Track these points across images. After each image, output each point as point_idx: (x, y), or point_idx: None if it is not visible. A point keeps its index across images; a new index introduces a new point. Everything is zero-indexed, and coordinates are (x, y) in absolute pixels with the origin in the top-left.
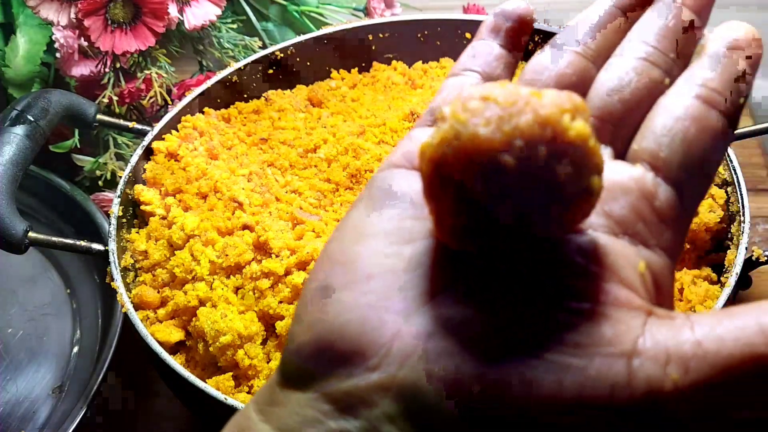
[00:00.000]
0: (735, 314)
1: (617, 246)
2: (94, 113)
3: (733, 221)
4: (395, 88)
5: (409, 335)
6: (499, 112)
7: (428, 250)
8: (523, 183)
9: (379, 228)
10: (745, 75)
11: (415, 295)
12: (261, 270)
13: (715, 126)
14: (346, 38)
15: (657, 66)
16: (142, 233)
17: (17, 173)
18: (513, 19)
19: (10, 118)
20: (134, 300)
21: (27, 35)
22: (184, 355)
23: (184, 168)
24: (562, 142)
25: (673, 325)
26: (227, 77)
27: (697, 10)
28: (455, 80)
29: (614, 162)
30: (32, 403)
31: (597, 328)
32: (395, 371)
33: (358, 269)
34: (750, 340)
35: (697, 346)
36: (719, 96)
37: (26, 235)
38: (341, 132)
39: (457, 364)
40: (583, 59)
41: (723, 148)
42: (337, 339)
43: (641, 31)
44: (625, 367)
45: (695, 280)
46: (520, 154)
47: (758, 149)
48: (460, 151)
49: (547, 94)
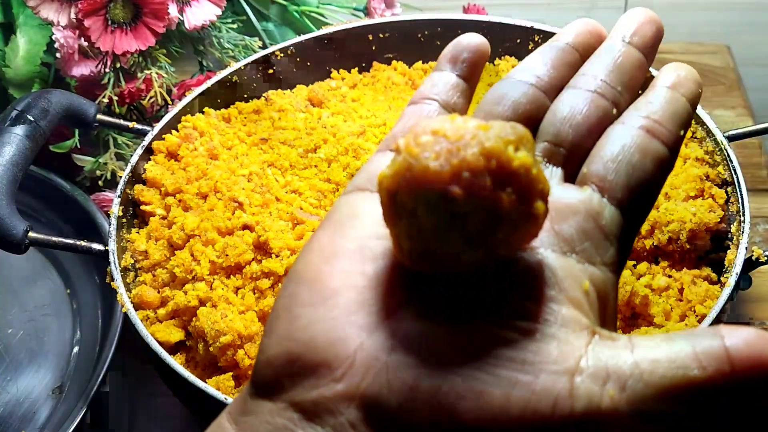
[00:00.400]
0: (673, 338)
1: (565, 264)
2: (95, 113)
3: (733, 221)
4: (395, 88)
5: (371, 348)
6: (448, 145)
7: (389, 268)
8: (470, 212)
9: (343, 248)
10: (686, 110)
11: (378, 311)
12: (261, 270)
13: (657, 154)
14: (346, 38)
15: (606, 98)
16: (142, 233)
17: (17, 173)
18: (470, 51)
19: (10, 118)
20: (134, 300)
21: (27, 35)
22: (184, 355)
23: (184, 168)
24: (506, 171)
25: (614, 346)
26: (227, 77)
27: (644, 50)
28: (415, 108)
29: (564, 185)
30: (32, 404)
31: (544, 346)
32: (359, 382)
33: (323, 287)
34: (684, 363)
35: (635, 366)
36: (662, 128)
37: (26, 235)
38: (341, 132)
39: (414, 376)
40: (538, 90)
41: (665, 174)
42: (304, 351)
43: (592, 66)
44: (568, 384)
45: (695, 280)
46: (467, 185)
47: (758, 149)
48: (412, 182)
49: (493, 127)
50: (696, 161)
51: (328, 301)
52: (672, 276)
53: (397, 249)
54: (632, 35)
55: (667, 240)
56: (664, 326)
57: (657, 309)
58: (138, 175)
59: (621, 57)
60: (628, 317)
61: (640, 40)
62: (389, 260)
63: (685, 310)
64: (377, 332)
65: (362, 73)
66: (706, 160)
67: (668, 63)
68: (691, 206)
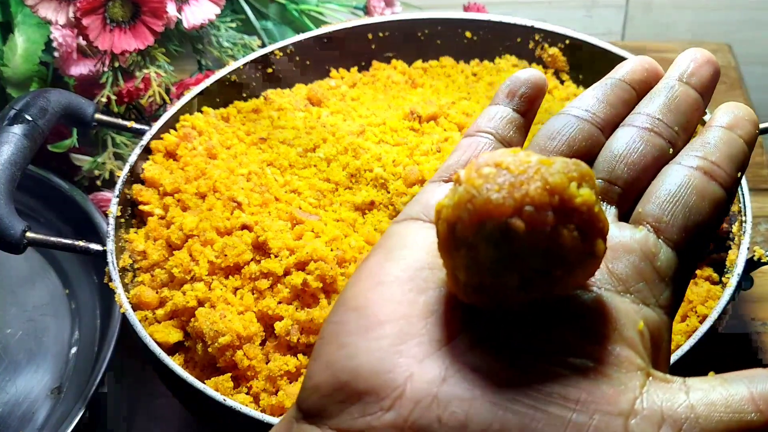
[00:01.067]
0: (729, 380)
1: (620, 304)
2: (93, 112)
3: (735, 221)
4: (395, 87)
5: (422, 380)
6: (511, 178)
7: (441, 298)
8: (531, 247)
9: (394, 276)
10: (743, 151)
11: (428, 341)
12: (260, 270)
13: (714, 196)
14: (346, 37)
15: (662, 137)
16: (140, 233)
17: (15, 173)
18: (528, 86)
19: (9, 117)
20: (133, 300)
21: (25, 34)
22: (183, 355)
23: (182, 167)
24: (569, 208)
25: (669, 389)
26: (226, 76)
27: (701, 90)
28: (470, 141)
29: (619, 223)
30: (31, 404)
31: (599, 386)
32: (408, 413)
33: (372, 315)
34: (740, 407)
35: (690, 410)
36: (719, 169)
37: (24, 235)
38: (341, 131)
39: (466, 410)
40: (593, 127)
41: (722, 217)
42: (351, 379)
43: (649, 105)
44: (622, 426)
45: (697, 280)
46: (529, 219)
47: (760, 148)
48: (473, 214)
49: (556, 162)
50: None
51: (377, 330)
52: None
53: (452, 281)
54: (690, 75)
55: None
56: None
57: None
58: (136, 175)
59: (678, 96)
60: None
61: (697, 81)
62: (441, 290)
63: (687, 311)
64: (428, 363)
65: (362, 72)
66: None
67: (723, 105)
68: None
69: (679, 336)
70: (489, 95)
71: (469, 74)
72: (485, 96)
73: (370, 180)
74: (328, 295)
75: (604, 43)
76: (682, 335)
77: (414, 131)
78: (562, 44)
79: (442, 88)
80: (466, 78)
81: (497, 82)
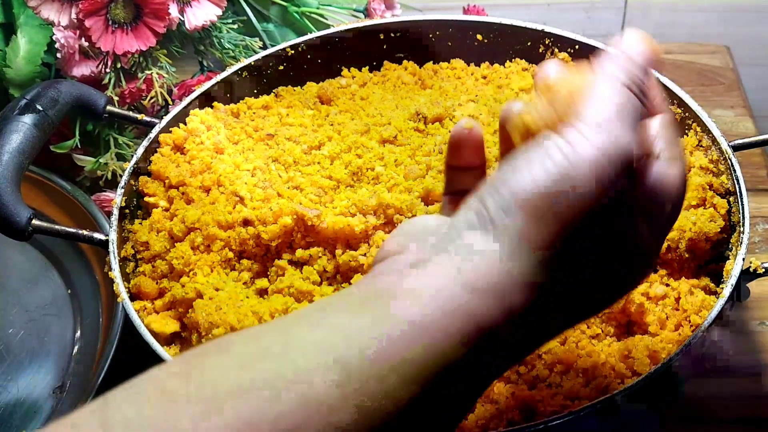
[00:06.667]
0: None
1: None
2: (105, 104)
3: (734, 231)
4: (405, 88)
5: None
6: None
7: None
8: None
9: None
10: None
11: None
12: (259, 264)
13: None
14: (358, 37)
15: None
16: (144, 224)
17: (23, 162)
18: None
19: (20, 106)
20: (132, 290)
21: (28, 35)
22: (179, 346)
23: (189, 161)
24: None
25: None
26: (237, 72)
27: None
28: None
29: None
30: (33, 403)
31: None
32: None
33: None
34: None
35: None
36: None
37: (30, 223)
38: (346, 130)
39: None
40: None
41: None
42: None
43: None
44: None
45: (692, 289)
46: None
47: (758, 149)
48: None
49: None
50: (700, 170)
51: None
52: (669, 285)
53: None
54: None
55: (666, 248)
56: (659, 335)
57: (652, 317)
58: (143, 167)
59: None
60: (624, 325)
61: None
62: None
63: (681, 320)
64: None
65: (373, 71)
66: (710, 168)
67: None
68: (691, 215)
69: (670, 345)
70: (497, 98)
71: (479, 77)
72: (493, 99)
73: (371, 179)
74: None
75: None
76: (674, 344)
77: (419, 132)
78: (572, 49)
79: (450, 90)
80: (476, 81)
81: (506, 85)
